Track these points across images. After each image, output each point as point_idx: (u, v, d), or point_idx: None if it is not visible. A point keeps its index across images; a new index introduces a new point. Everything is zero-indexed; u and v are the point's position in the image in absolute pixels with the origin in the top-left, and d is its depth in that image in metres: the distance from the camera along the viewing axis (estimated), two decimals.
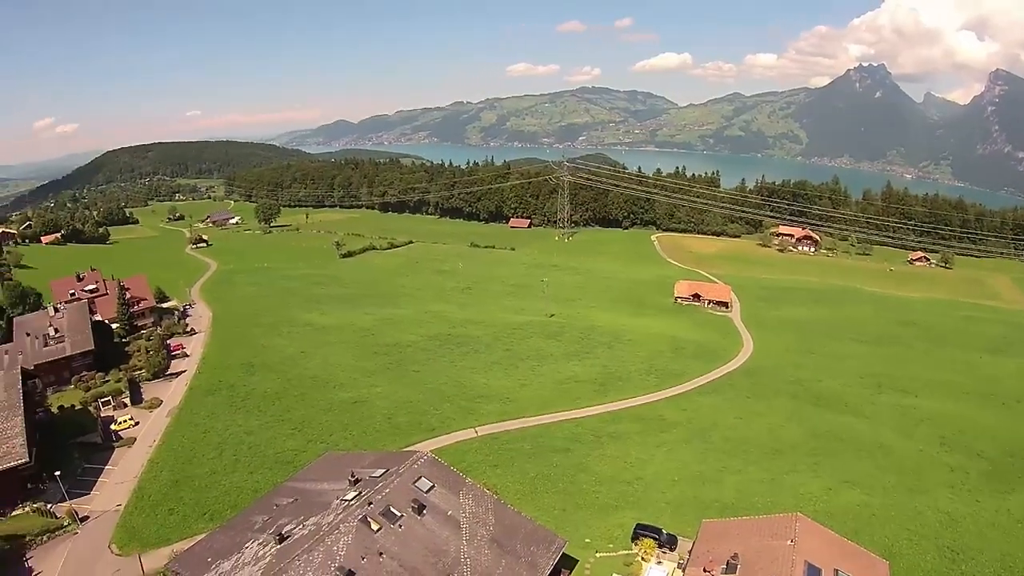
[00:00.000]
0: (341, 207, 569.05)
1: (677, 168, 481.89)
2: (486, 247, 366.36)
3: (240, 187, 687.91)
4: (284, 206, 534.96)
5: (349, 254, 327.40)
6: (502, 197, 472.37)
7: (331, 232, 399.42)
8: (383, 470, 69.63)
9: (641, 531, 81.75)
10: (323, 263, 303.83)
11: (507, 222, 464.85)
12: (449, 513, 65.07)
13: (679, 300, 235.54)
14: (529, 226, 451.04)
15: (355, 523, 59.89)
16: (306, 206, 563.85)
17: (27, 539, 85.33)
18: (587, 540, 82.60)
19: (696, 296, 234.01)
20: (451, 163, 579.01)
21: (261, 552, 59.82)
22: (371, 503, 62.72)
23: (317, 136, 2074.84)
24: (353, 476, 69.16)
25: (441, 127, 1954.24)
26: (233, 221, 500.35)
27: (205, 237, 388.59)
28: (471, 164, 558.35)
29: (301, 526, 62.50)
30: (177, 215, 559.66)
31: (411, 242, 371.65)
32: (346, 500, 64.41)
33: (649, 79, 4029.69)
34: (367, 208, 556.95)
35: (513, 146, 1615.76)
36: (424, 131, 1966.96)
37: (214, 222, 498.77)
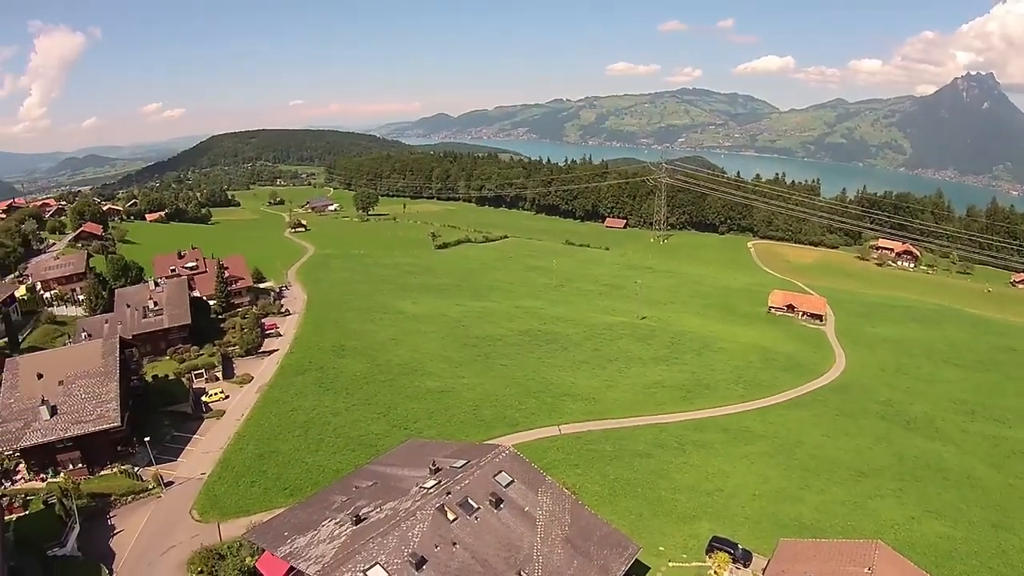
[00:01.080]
0: (438, 199, 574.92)
1: (777, 174, 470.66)
2: (581, 245, 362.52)
3: (340, 175, 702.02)
4: (382, 195, 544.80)
5: (444, 245, 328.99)
6: (599, 196, 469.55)
7: (427, 223, 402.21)
8: (464, 461, 68.80)
9: (716, 544, 79.81)
10: (418, 253, 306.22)
11: (603, 221, 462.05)
12: (526, 509, 63.76)
13: (772, 310, 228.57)
14: (625, 227, 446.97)
15: (432, 511, 59.24)
16: (404, 196, 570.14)
17: (112, 498, 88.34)
18: (661, 548, 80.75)
19: (790, 307, 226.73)
20: (549, 160, 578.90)
21: (337, 531, 59.51)
22: (449, 493, 62.04)
23: (417, 128, 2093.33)
24: (434, 465, 68.51)
25: (540, 124, 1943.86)
26: (332, 208, 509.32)
27: (304, 222, 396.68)
28: (569, 162, 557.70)
29: (378, 510, 61.96)
30: (278, 200, 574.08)
31: (506, 237, 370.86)
32: (425, 488, 63.84)
33: (750, 82, 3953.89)
34: (464, 201, 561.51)
35: (611, 145, 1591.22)
36: (523, 127, 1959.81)
37: (313, 208, 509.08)
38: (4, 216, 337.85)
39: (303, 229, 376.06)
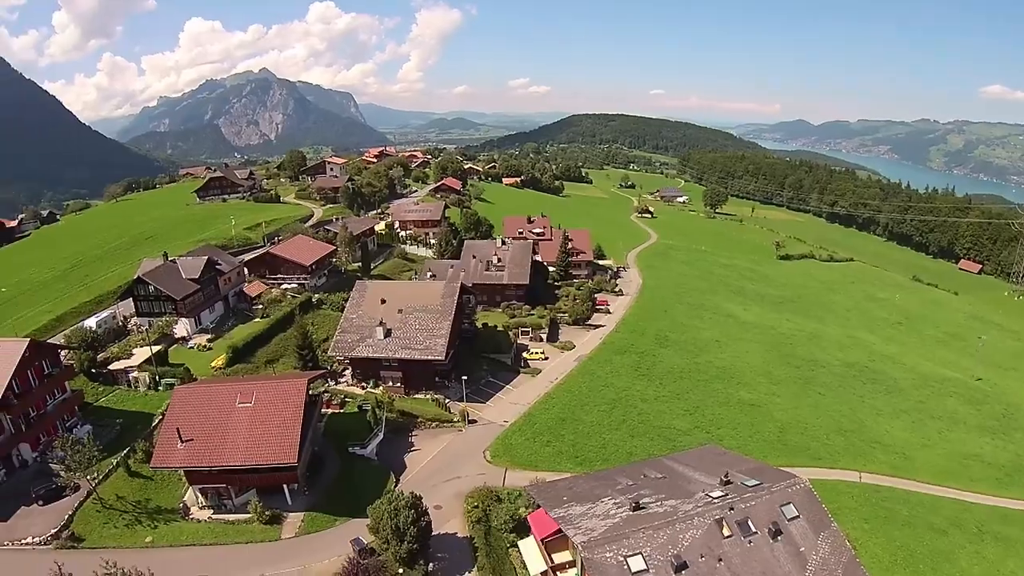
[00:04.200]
0: (788, 208, 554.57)
1: None
2: (928, 284, 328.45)
3: (692, 168, 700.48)
4: (731, 195, 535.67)
5: (787, 257, 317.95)
6: (956, 233, 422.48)
7: (773, 231, 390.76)
8: (757, 482, 66.25)
9: None
10: (759, 260, 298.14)
11: (956, 262, 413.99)
12: (801, 549, 60.09)
13: None
14: (979, 272, 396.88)
15: (709, 521, 58.38)
16: (753, 199, 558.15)
17: (419, 420, 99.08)
18: None
19: None
20: (908, 185, 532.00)
21: (614, 511, 60.41)
22: (732, 509, 60.48)
23: (775, 132, 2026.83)
24: (726, 476, 66.69)
25: (902, 144, 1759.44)
26: (681, 199, 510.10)
27: (651, 209, 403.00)
28: (929, 189, 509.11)
29: (659, 503, 61.91)
30: (629, 183, 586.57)
31: (851, 260, 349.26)
32: (710, 496, 62.73)
33: None
34: (814, 214, 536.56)
35: (978, 178, 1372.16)
36: (884, 145, 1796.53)
37: (662, 197, 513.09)
38: (375, 161, 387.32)
39: (649, 216, 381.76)
